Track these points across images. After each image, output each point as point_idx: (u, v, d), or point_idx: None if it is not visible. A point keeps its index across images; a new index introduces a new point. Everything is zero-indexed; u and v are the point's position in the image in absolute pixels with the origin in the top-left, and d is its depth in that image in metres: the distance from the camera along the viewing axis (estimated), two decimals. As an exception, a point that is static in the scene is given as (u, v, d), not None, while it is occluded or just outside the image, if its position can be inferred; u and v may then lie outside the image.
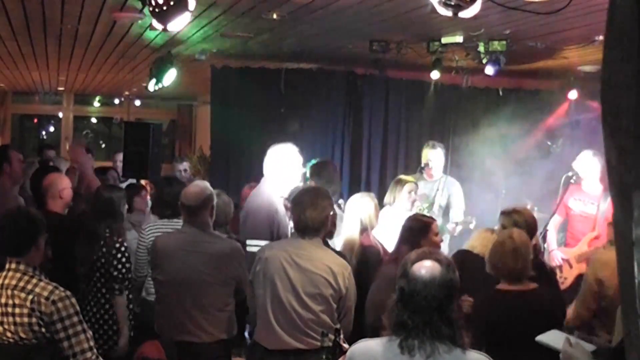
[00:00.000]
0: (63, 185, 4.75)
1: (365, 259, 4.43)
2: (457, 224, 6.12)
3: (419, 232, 4.05)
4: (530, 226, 4.26)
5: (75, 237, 4.46)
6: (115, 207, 4.55)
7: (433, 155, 6.40)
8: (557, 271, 5.74)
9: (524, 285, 3.64)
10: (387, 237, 4.70)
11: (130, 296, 4.58)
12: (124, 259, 4.39)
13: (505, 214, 4.39)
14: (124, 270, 4.38)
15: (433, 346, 2.24)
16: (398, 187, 5.53)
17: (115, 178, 7.07)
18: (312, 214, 3.63)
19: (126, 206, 4.79)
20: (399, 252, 3.98)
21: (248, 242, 4.54)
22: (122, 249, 4.40)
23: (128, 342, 4.38)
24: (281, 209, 4.61)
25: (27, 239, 3.12)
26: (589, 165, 6.03)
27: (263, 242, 4.35)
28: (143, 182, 7.31)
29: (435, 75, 6.66)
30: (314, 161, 5.63)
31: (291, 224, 4.55)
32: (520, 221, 4.24)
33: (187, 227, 4.09)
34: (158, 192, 5.38)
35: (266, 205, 4.59)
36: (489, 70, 6.15)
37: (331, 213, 3.77)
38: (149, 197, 6.10)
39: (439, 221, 6.29)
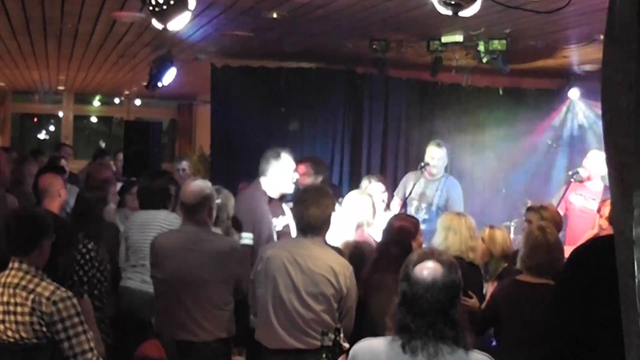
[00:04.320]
0: (60, 184, 4.81)
1: (359, 255, 4.42)
2: None
3: (409, 232, 4.01)
4: (557, 223, 4.36)
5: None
6: (90, 208, 4.51)
7: (437, 154, 6.31)
8: None
9: (544, 280, 3.66)
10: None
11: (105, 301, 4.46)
12: (82, 261, 4.23)
13: (533, 209, 4.45)
14: (81, 273, 4.22)
15: (436, 347, 2.23)
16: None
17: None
18: (315, 213, 3.64)
19: (111, 206, 4.75)
20: (389, 255, 3.90)
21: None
22: (84, 250, 4.26)
23: (103, 347, 4.13)
24: (262, 207, 4.73)
25: (30, 240, 3.12)
26: (597, 165, 6.09)
27: (244, 234, 4.60)
28: None
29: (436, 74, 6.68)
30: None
31: (278, 220, 4.79)
32: (548, 217, 4.29)
33: (186, 226, 4.09)
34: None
35: (246, 203, 4.75)
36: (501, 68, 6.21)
37: (333, 212, 3.77)
38: None
39: (436, 223, 6.28)
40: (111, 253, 4.93)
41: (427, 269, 2.29)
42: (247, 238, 4.60)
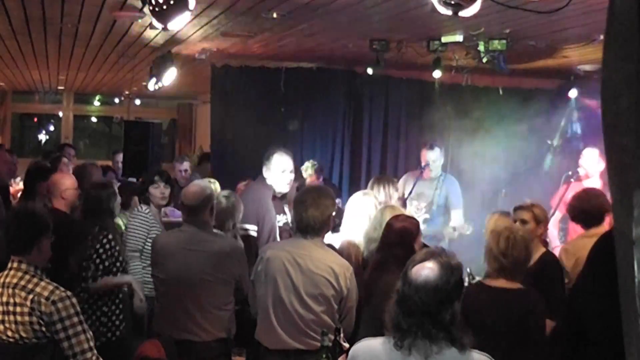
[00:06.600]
0: (66, 186, 4.86)
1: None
2: (454, 229, 6.13)
3: (411, 233, 3.86)
4: (547, 220, 4.40)
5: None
6: (103, 205, 4.56)
7: (432, 156, 6.41)
8: None
9: (516, 284, 3.44)
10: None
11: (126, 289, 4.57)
12: (101, 250, 4.36)
13: (524, 208, 4.33)
14: (97, 261, 4.34)
15: (428, 346, 2.23)
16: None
17: (112, 178, 7.07)
18: (315, 213, 3.64)
19: (118, 201, 4.80)
20: (392, 257, 3.71)
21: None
22: (104, 241, 4.39)
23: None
24: (267, 201, 4.87)
25: (29, 238, 3.11)
26: (593, 163, 6.10)
27: (248, 226, 4.70)
28: None
29: (437, 74, 6.64)
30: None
31: (279, 217, 4.92)
32: (541, 215, 4.27)
33: (187, 226, 4.09)
34: None
35: (252, 194, 4.92)
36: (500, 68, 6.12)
37: (333, 213, 3.77)
38: None
39: (439, 221, 6.31)
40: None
41: (423, 270, 2.28)
42: (250, 230, 4.69)
